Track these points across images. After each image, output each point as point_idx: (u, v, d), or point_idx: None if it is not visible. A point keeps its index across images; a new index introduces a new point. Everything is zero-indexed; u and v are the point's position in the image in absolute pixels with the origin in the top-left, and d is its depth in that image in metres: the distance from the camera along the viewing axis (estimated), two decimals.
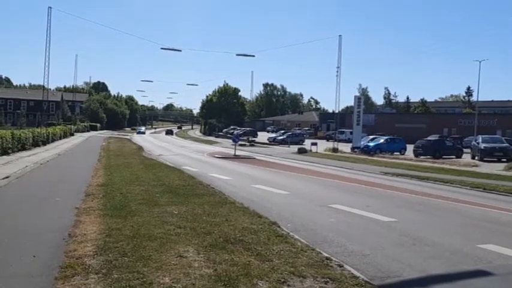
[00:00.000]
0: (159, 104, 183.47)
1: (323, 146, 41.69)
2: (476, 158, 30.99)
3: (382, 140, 39.99)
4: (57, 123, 59.72)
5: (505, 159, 29.21)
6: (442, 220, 10.17)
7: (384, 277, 5.58)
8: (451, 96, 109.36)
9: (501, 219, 10.50)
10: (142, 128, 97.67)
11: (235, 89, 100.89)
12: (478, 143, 32.43)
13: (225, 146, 46.00)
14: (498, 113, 65.84)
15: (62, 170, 17.90)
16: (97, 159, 22.10)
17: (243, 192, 12.58)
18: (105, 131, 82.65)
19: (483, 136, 34.70)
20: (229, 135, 59.58)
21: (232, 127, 77.98)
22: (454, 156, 33.24)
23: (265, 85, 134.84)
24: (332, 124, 65.42)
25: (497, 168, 24.85)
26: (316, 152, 36.79)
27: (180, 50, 41.04)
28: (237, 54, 43.80)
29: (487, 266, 6.20)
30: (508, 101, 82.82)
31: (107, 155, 25.40)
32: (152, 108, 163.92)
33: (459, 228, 9.23)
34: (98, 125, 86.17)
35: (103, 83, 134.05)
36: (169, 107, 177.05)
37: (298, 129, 75.93)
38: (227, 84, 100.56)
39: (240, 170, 20.94)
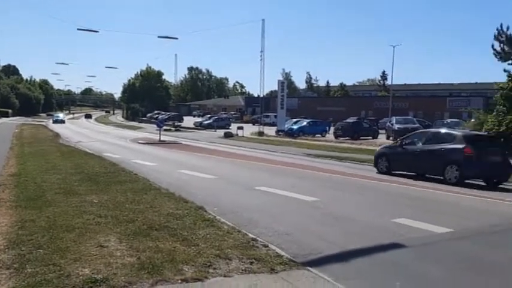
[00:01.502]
0: (77, 88, 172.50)
1: (249, 129, 42.11)
2: (391, 138, 33.00)
3: (304, 123, 41.28)
4: None
5: None
6: (360, 197, 10.73)
7: (306, 254, 5.77)
8: (368, 80, 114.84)
9: (412, 194, 11.31)
10: (60, 115, 77.48)
11: (158, 72, 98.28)
12: (392, 124, 34.64)
13: (149, 131, 44.84)
14: (410, 96, 70.27)
15: None
16: (9, 147, 20.53)
17: (168, 178, 12.33)
18: (17, 117, 76.89)
19: (397, 117, 37.13)
20: (153, 120, 58.00)
21: (156, 112, 75.94)
22: (370, 137, 35.17)
23: (190, 69, 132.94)
24: (257, 108, 66.16)
25: None
26: (243, 136, 37.10)
27: (97, 31, 38.68)
28: (159, 37, 42.46)
29: (401, 239, 6.62)
30: (419, 84, 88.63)
31: (20, 143, 23.67)
32: (69, 93, 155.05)
33: (376, 204, 9.81)
34: (10, 111, 79.95)
35: (14, 66, 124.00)
36: (87, 91, 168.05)
37: (225, 114, 75.88)
38: (150, 67, 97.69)
39: (165, 156, 20.54)
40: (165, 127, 39.86)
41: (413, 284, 5.02)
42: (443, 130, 16.61)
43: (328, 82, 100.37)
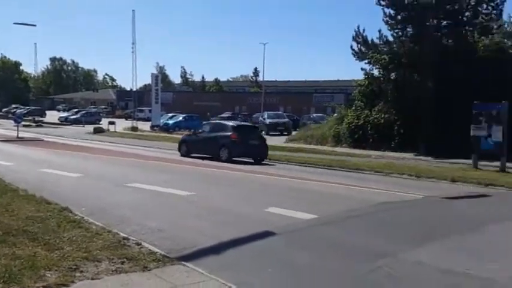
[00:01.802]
0: None
1: (122, 125, 40.46)
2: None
3: (180, 118, 41.01)
4: None
5: (286, 133, 33.43)
6: (235, 190, 11.00)
7: (181, 249, 5.72)
8: (241, 76, 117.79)
9: (281, 184, 11.94)
10: None
11: (15, 62, 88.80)
12: (264, 119, 36.27)
13: (5, 127, 40.17)
14: (280, 92, 73.85)
15: None
16: None
17: (28, 178, 11.21)
18: None
19: (268, 112, 38.98)
20: (10, 116, 52.20)
21: (14, 106, 68.52)
22: None
23: (53, 59, 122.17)
24: (130, 102, 63.70)
25: (281, 140, 28.15)
26: (115, 132, 35.47)
27: None
28: (15, 23, 38.46)
29: (272, 227, 6.92)
30: (288, 81, 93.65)
31: None
32: None
33: (249, 195, 10.17)
34: None
35: None
36: None
37: (94, 108, 71.54)
38: (5, 57, 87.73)
39: (24, 154, 18.69)
40: (24, 123, 36.25)
41: (282, 270, 5.28)
42: (220, 122, 22.41)
43: (203, 77, 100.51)
